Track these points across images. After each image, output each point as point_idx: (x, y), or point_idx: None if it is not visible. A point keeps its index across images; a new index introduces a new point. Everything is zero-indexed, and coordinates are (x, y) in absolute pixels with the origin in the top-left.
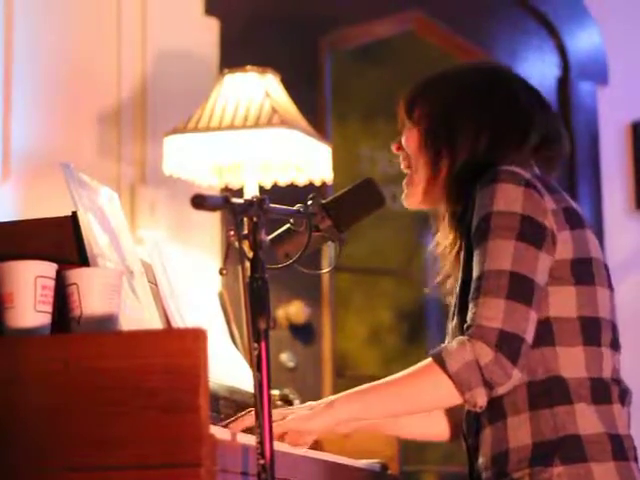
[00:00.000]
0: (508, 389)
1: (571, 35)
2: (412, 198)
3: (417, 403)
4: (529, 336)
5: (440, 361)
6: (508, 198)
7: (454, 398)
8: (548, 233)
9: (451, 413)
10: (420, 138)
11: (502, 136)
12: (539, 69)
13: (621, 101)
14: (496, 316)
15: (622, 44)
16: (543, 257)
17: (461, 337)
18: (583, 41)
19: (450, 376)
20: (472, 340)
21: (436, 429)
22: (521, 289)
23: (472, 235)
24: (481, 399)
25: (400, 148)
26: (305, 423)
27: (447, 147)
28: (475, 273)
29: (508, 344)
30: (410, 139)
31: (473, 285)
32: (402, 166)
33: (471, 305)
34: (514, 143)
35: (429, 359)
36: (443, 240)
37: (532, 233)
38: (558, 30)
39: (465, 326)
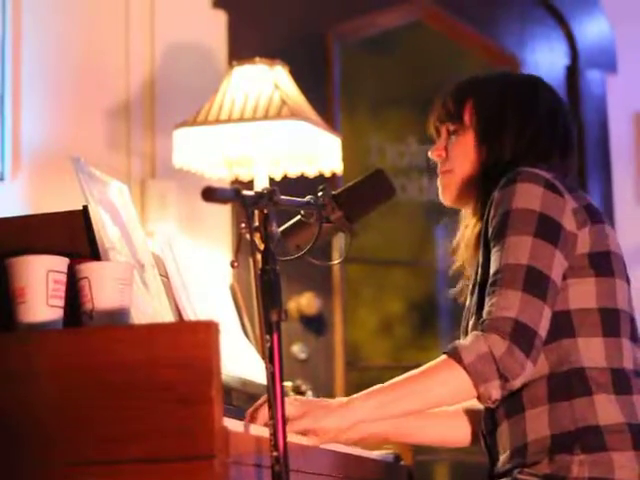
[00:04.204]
0: (521, 382)
1: (580, 24)
2: (449, 195)
3: (433, 398)
4: (542, 331)
5: (455, 355)
6: (527, 197)
7: (469, 391)
8: (564, 233)
9: (471, 419)
10: (476, 138)
11: (540, 138)
12: (548, 58)
13: (630, 89)
14: (512, 306)
15: (631, 32)
16: (558, 255)
17: (475, 332)
18: (592, 30)
19: (465, 368)
20: (486, 333)
21: (455, 435)
22: (537, 283)
23: (490, 233)
24: (496, 392)
25: (441, 155)
26: (319, 421)
27: (496, 146)
28: (493, 268)
29: (522, 335)
30: (464, 140)
31: (490, 279)
32: (441, 172)
33: (487, 299)
34: (549, 146)
35: (444, 356)
36: (466, 230)
37: (549, 231)
38: (567, 19)
39: (481, 320)
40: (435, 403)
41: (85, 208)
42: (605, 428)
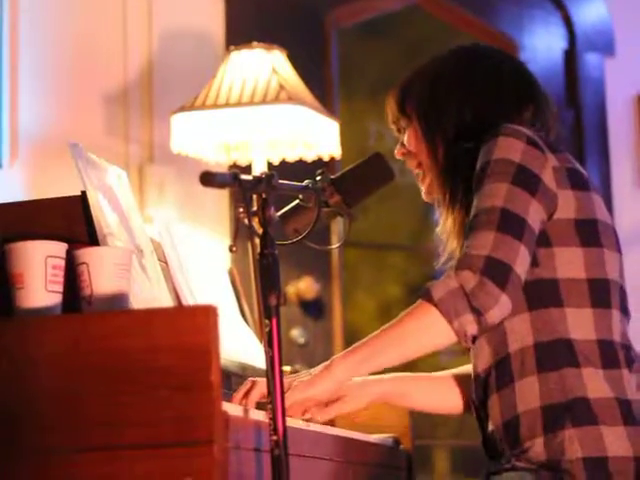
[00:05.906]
0: (499, 317)
1: (577, 7)
2: (430, 193)
3: (411, 345)
4: (519, 268)
5: (426, 295)
6: (507, 149)
7: (445, 331)
8: (543, 186)
9: (464, 386)
10: (419, 126)
11: (487, 109)
12: (546, 41)
13: (628, 72)
14: (485, 245)
15: (628, 15)
16: (535, 204)
17: (447, 272)
18: (589, 13)
19: (436, 305)
20: (457, 270)
21: (449, 402)
22: (512, 224)
23: (473, 185)
24: (471, 326)
25: (404, 153)
26: (306, 390)
27: (439, 132)
28: (470, 216)
29: (494, 269)
30: (413, 132)
31: (467, 225)
32: (413, 168)
33: (464, 242)
34: (502, 116)
35: (418, 300)
36: (446, 222)
37: (526, 180)
38: (564, 2)
39: (454, 261)
40: (415, 349)
41: (83, 194)
42: (594, 402)
